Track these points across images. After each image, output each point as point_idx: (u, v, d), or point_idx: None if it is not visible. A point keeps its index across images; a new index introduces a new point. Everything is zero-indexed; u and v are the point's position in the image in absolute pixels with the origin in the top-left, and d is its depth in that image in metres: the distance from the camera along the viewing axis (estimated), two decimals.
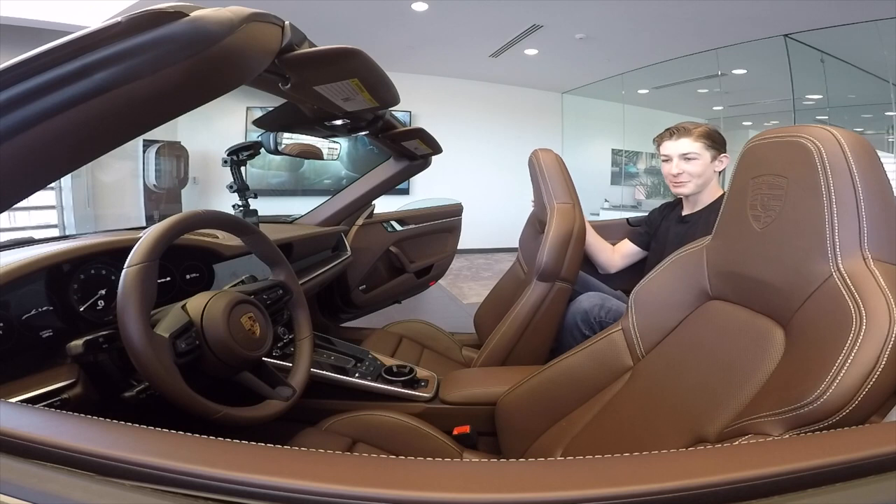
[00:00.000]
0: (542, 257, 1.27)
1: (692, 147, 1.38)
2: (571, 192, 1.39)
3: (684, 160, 1.39)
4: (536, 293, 1.30)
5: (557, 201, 1.35)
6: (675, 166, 1.41)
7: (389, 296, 2.07)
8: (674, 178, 1.42)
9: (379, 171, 1.81)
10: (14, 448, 0.34)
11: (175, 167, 4.86)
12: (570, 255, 1.29)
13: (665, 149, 1.43)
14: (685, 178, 1.40)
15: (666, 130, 1.45)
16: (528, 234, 1.71)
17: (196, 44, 0.44)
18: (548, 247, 1.27)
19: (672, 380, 0.78)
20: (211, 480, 0.32)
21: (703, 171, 1.39)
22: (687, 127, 1.41)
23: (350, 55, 0.68)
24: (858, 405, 0.46)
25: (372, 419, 1.05)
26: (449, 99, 6.09)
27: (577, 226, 1.31)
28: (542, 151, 1.46)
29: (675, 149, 1.41)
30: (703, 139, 1.38)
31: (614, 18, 3.92)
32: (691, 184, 1.40)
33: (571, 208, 1.34)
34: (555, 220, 1.30)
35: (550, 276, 1.29)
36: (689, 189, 1.41)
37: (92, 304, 0.82)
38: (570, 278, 1.31)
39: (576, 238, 1.30)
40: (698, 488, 0.32)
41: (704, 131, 1.39)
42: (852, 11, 3.46)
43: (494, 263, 5.65)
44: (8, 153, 0.42)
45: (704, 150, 1.38)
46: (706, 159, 1.38)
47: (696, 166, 1.38)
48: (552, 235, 1.28)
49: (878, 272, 0.53)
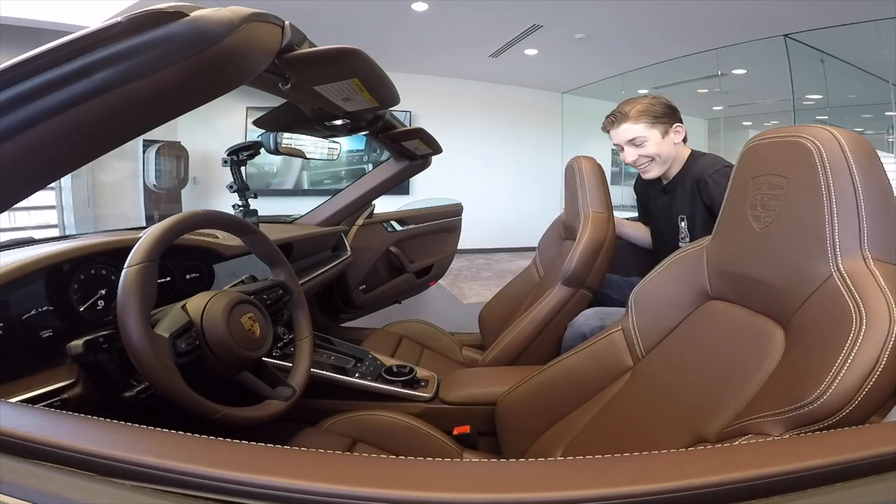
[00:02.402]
0: (570, 263, 1.29)
1: (634, 131, 1.29)
2: (608, 203, 1.38)
3: (633, 146, 1.31)
4: (559, 296, 1.31)
5: (593, 210, 1.35)
6: (628, 154, 1.32)
7: (389, 296, 2.07)
8: (634, 166, 1.35)
9: (379, 171, 1.81)
10: (14, 448, 0.34)
11: (175, 167, 4.86)
12: (598, 265, 1.30)
13: (613, 138, 1.35)
14: (643, 163, 1.32)
15: (606, 118, 1.35)
16: (551, 239, 1.72)
17: (196, 44, 0.44)
18: (578, 253, 1.28)
19: (672, 380, 0.78)
20: (211, 480, 0.32)
21: (658, 151, 1.29)
22: (624, 111, 1.30)
23: (350, 55, 0.68)
24: (858, 405, 0.46)
25: (372, 419, 1.05)
26: (449, 99, 6.08)
27: (609, 237, 1.32)
28: (584, 159, 1.45)
29: (620, 136, 1.32)
30: (643, 118, 1.28)
31: (614, 18, 3.92)
32: (653, 165, 1.32)
33: (606, 219, 1.34)
34: (589, 227, 1.31)
35: (576, 283, 1.30)
36: (654, 172, 1.34)
37: (92, 304, 0.82)
38: (593, 287, 1.33)
39: (606, 249, 1.31)
40: (698, 488, 0.32)
41: (643, 109, 1.28)
42: (852, 11, 3.46)
43: (494, 263, 5.65)
44: (8, 153, 0.42)
45: (649, 129, 1.28)
46: (656, 137, 1.28)
47: (647, 148, 1.29)
48: (584, 242, 1.29)
49: (878, 272, 0.53)
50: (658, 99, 1.32)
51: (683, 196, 1.32)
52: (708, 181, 1.22)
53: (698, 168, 1.28)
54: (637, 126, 1.29)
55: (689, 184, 1.30)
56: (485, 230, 5.94)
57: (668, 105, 1.31)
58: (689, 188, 1.29)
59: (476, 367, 1.41)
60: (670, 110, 1.31)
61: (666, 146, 1.31)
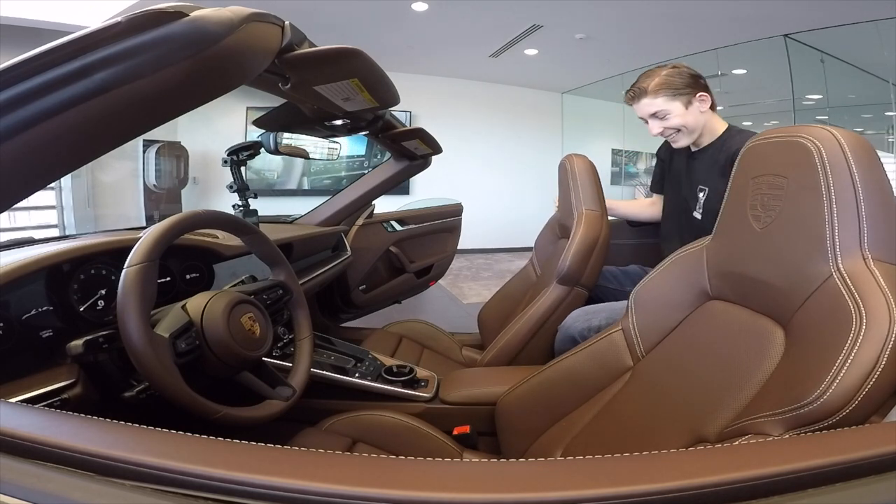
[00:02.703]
0: (565, 261, 1.29)
1: (656, 105, 1.26)
2: (601, 200, 1.39)
3: (656, 119, 1.28)
4: (554, 295, 1.31)
5: (586, 208, 1.35)
6: (653, 127, 1.30)
7: (389, 296, 2.07)
8: (662, 136, 1.32)
9: (379, 171, 1.81)
10: (14, 448, 0.34)
11: (175, 167, 4.86)
12: (592, 263, 1.30)
13: (636, 112, 1.33)
14: (670, 133, 1.30)
15: (627, 92, 1.33)
16: (546, 238, 1.73)
17: (196, 44, 0.44)
18: (572, 252, 1.28)
19: (672, 380, 0.78)
20: (211, 480, 0.32)
21: (683, 122, 1.26)
22: (642, 86, 1.27)
23: (350, 55, 0.68)
24: (858, 405, 0.46)
25: (372, 419, 1.05)
26: (449, 99, 6.08)
27: (602, 234, 1.32)
28: (576, 157, 1.46)
29: (642, 111, 1.30)
30: (662, 92, 1.24)
31: (614, 18, 3.92)
32: (681, 136, 1.29)
33: (599, 217, 1.34)
34: (582, 226, 1.31)
35: (570, 281, 1.30)
36: (683, 141, 1.31)
37: (92, 304, 0.82)
38: (588, 285, 1.33)
39: (600, 246, 1.31)
40: (698, 488, 0.32)
41: (661, 82, 1.25)
42: (852, 11, 3.46)
43: (494, 263, 5.65)
44: (8, 153, 0.42)
45: (670, 102, 1.24)
46: (678, 109, 1.25)
47: (672, 120, 1.26)
48: (578, 241, 1.29)
49: (878, 272, 0.53)
50: (678, 69, 1.27)
51: (713, 168, 1.27)
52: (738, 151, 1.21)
53: (736, 146, 1.20)
54: (657, 100, 1.25)
55: (721, 157, 1.25)
56: (485, 230, 5.94)
57: (690, 74, 1.26)
58: (721, 162, 1.24)
59: (475, 368, 1.41)
60: (692, 80, 1.25)
61: (691, 116, 1.26)
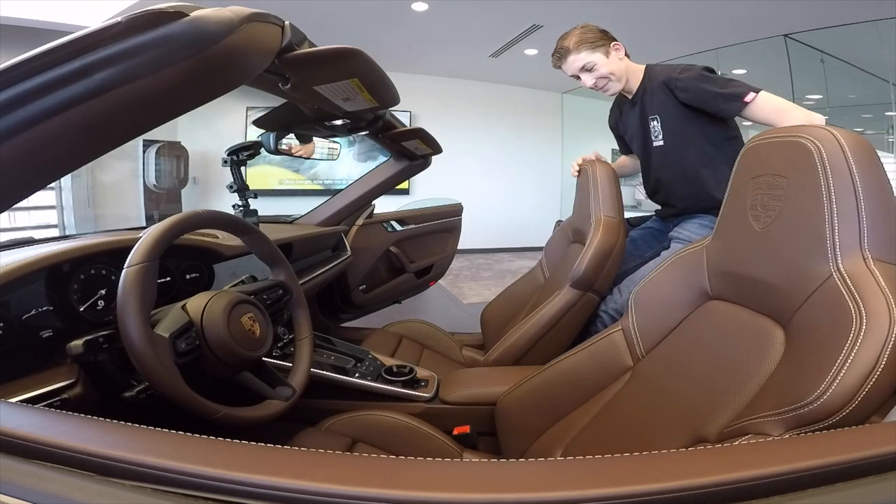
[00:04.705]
0: (580, 266, 1.29)
1: (581, 59, 1.39)
2: (620, 208, 1.40)
3: (586, 72, 1.41)
4: (566, 298, 1.32)
5: (605, 214, 1.36)
6: (586, 80, 1.43)
7: (389, 296, 2.07)
8: (595, 89, 1.45)
9: (379, 171, 1.81)
10: (14, 448, 0.34)
11: (175, 167, 4.86)
12: (607, 269, 1.31)
13: (566, 72, 1.46)
14: (602, 83, 1.42)
15: (552, 56, 1.47)
16: (558, 242, 1.72)
17: (196, 44, 0.44)
18: (589, 257, 1.29)
19: (672, 380, 0.78)
20: (211, 480, 0.32)
21: (610, 69, 1.40)
22: (564, 46, 1.41)
23: (350, 55, 0.68)
24: (858, 405, 0.46)
25: (372, 419, 1.05)
26: (449, 99, 6.09)
27: (619, 242, 1.33)
28: (598, 163, 1.48)
29: (571, 68, 1.42)
30: (583, 47, 1.39)
31: (614, 18, 3.90)
32: (612, 83, 1.42)
33: (618, 224, 1.35)
34: (600, 232, 1.32)
35: (584, 286, 1.31)
36: (614, 88, 1.44)
37: (92, 304, 0.82)
38: (601, 291, 1.33)
39: (616, 253, 1.32)
40: (698, 488, 0.32)
41: (579, 39, 1.40)
42: (852, 11, 3.46)
43: (494, 263, 5.65)
44: (8, 153, 0.42)
45: (592, 54, 1.39)
46: (601, 59, 1.39)
47: (599, 69, 1.40)
48: (595, 246, 1.30)
49: (878, 272, 0.53)
50: (587, 26, 1.43)
51: (652, 99, 1.43)
52: (678, 78, 1.34)
53: (663, 73, 1.40)
54: (581, 54, 1.39)
55: (655, 86, 1.41)
56: (485, 230, 5.94)
57: (599, 29, 1.43)
58: (657, 90, 1.40)
59: (477, 367, 1.41)
60: (602, 33, 1.42)
61: (613, 63, 1.41)
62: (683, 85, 1.33)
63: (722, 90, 1.27)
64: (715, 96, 1.28)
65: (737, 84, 1.27)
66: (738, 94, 1.24)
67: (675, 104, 1.37)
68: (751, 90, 1.23)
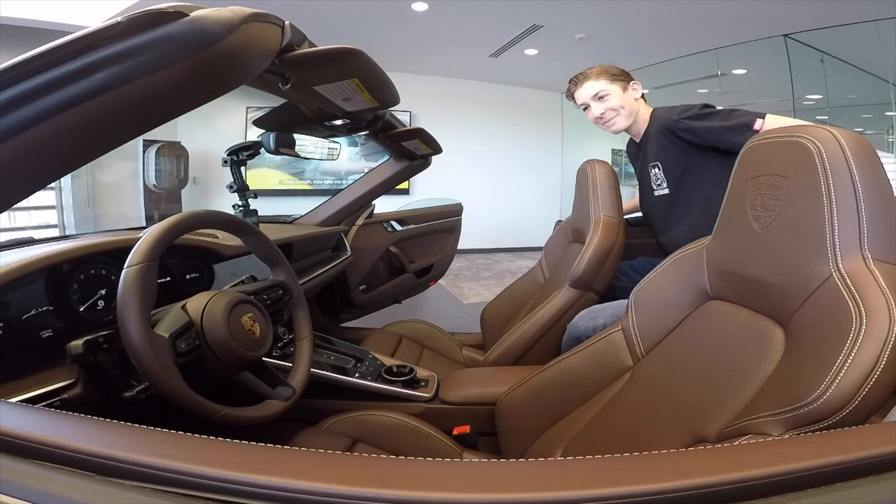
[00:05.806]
0: (580, 265, 1.30)
1: (598, 86, 1.40)
2: (619, 208, 1.40)
3: (598, 101, 1.41)
4: (566, 298, 1.32)
5: (604, 214, 1.36)
6: (595, 109, 1.42)
7: (389, 296, 2.07)
8: (601, 121, 1.44)
9: (379, 171, 1.81)
10: (14, 448, 0.34)
11: (175, 167, 4.86)
12: (606, 269, 1.31)
13: (578, 99, 1.46)
14: (610, 116, 1.42)
15: (569, 81, 1.48)
16: (557, 242, 1.73)
17: (196, 44, 0.44)
18: (588, 256, 1.29)
19: (672, 380, 0.78)
20: (211, 480, 0.32)
21: (622, 103, 1.40)
22: (585, 73, 1.44)
23: (350, 55, 0.68)
24: (858, 405, 0.46)
25: (372, 419, 1.05)
26: (449, 99, 6.08)
27: (618, 241, 1.33)
28: (597, 163, 1.48)
29: (585, 94, 1.43)
30: (603, 76, 1.41)
31: (614, 18, 3.91)
32: (619, 118, 1.42)
33: (617, 224, 1.35)
34: (599, 232, 1.32)
35: (584, 285, 1.31)
36: (620, 124, 1.43)
37: (92, 304, 0.82)
38: (600, 290, 1.34)
39: (615, 253, 1.32)
40: (698, 488, 0.32)
41: (601, 70, 1.42)
42: (852, 11, 3.46)
43: (494, 263, 5.65)
44: (8, 153, 0.42)
45: (611, 84, 1.40)
46: (617, 91, 1.40)
47: (612, 101, 1.40)
48: (594, 246, 1.30)
49: (878, 272, 0.53)
50: (612, 65, 1.46)
51: (653, 145, 1.41)
52: (678, 121, 1.31)
53: (662, 117, 1.38)
54: (599, 82, 1.41)
55: (654, 132, 1.40)
56: (485, 230, 5.94)
57: (622, 69, 1.45)
58: (656, 135, 1.39)
59: (476, 367, 1.41)
60: (624, 73, 1.44)
61: (627, 99, 1.41)
62: (686, 126, 1.29)
63: (728, 123, 1.23)
64: (723, 131, 1.23)
65: (740, 114, 1.24)
66: (746, 123, 1.21)
67: (677, 148, 1.34)
68: (756, 116, 1.21)
